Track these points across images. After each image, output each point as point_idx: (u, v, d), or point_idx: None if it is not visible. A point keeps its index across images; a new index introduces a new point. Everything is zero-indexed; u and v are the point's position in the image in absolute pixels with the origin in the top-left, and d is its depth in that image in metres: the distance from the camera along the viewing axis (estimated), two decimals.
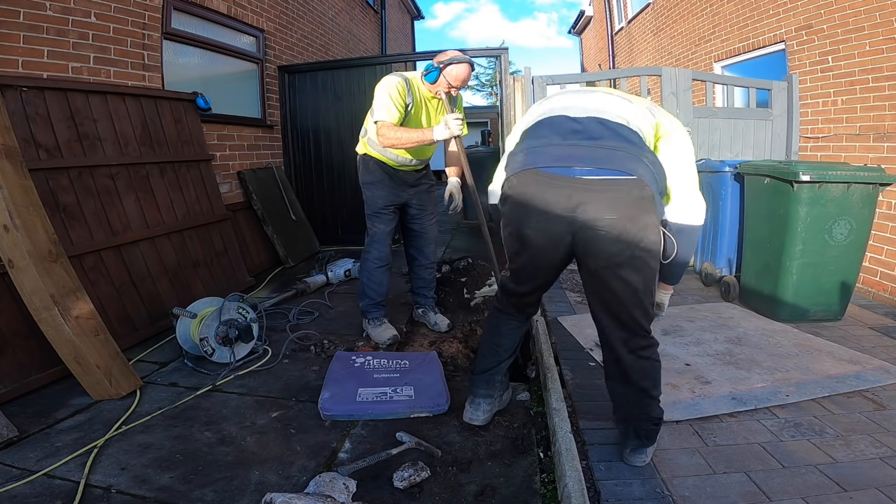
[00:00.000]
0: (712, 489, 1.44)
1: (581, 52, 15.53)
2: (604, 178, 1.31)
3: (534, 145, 1.42)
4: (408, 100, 2.45)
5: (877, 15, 3.43)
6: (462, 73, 2.41)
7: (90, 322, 2.14)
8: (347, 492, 1.46)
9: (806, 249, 2.67)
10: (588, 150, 1.34)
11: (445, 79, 2.40)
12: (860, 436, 1.69)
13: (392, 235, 2.78)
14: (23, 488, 1.54)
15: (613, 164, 1.31)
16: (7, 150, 2.05)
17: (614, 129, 1.39)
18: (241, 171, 4.46)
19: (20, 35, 2.65)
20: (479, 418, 1.88)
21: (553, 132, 1.42)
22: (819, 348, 2.40)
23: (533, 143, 1.43)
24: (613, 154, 1.32)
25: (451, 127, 2.28)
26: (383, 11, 10.06)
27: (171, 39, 3.76)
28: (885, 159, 3.34)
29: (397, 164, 2.64)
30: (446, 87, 2.43)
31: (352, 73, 5.02)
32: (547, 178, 1.34)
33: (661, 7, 7.76)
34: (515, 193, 1.41)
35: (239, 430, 1.89)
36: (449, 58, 2.40)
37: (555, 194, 1.33)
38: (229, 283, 3.49)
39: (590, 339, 2.51)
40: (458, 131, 2.31)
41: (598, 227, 1.31)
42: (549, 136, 1.42)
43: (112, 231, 2.83)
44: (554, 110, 1.50)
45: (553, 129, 1.43)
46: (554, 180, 1.33)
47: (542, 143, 1.41)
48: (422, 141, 2.38)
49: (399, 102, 2.41)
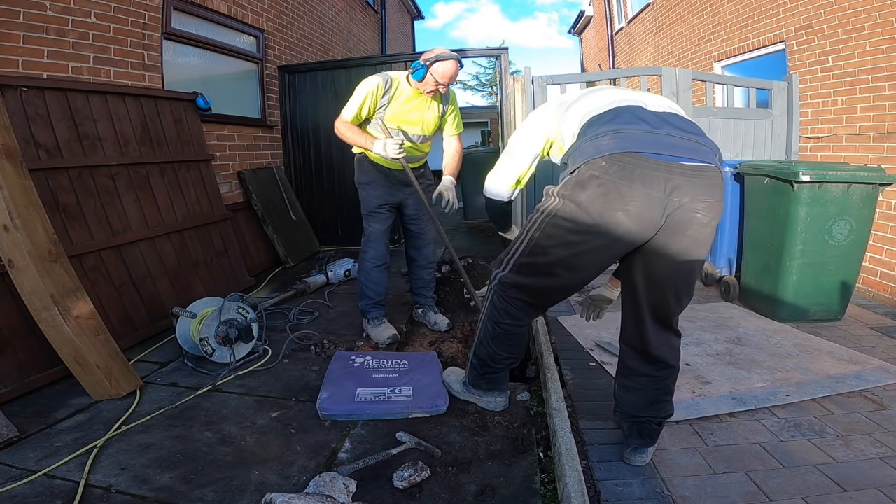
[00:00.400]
0: (712, 489, 1.44)
1: (581, 52, 15.54)
2: (698, 164, 1.37)
3: (623, 129, 1.40)
4: (382, 100, 2.48)
5: (877, 15, 3.43)
6: (448, 70, 2.39)
7: (90, 322, 2.14)
8: (347, 492, 1.46)
9: (806, 249, 2.67)
10: (681, 141, 1.39)
11: (432, 76, 2.39)
12: (860, 436, 1.69)
13: (388, 234, 2.78)
14: (23, 488, 1.54)
15: (702, 154, 1.39)
16: (7, 150, 2.05)
17: (693, 124, 1.47)
18: (241, 171, 4.46)
19: (20, 35, 2.65)
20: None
21: (640, 120, 1.43)
22: (819, 348, 2.40)
23: (621, 128, 1.40)
24: (700, 146, 1.40)
25: (388, 150, 2.39)
26: (383, 11, 10.07)
27: (171, 39, 3.76)
28: (885, 159, 3.34)
29: (388, 163, 2.64)
30: (433, 84, 2.42)
31: (352, 73, 5.02)
32: (645, 162, 1.34)
33: (661, 7, 7.76)
34: (607, 175, 1.35)
35: (239, 430, 1.89)
36: (435, 55, 2.38)
37: (655, 177, 1.34)
38: (229, 283, 3.49)
39: (590, 339, 2.51)
40: (393, 154, 2.39)
41: (696, 210, 1.37)
42: (637, 124, 1.42)
43: (112, 231, 2.82)
44: (626, 101, 1.50)
45: (639, 118, 1.44)
46: (652, 164, 1.34)
47: (632, 129, 1.40)
48: (364, 146, 2.52)
49: (367, 105, 2.47)
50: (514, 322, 1.71)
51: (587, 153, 1.39)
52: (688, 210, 1.36)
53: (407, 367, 2.30)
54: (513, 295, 1.65)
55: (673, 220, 1.36)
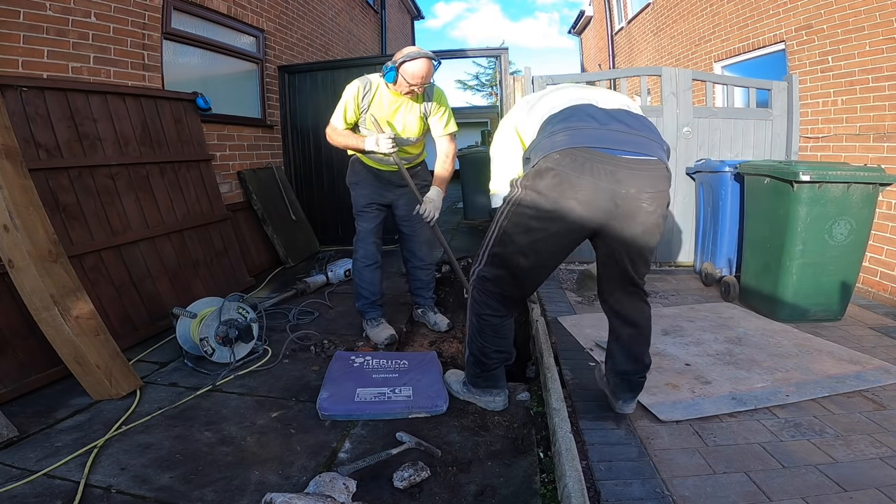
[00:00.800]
0: (712, 489, 1.44)
1: (581, 52, 15.54)
2: (642, 158, 1.54)
3: (575, 126, 1.57)
4: (363, 103, 2.46)
5: (877, 15, 3.43)
6: (419, 69, 2.25)
7: (90, 322, 2.14)
8: (347, 492, 1.46)
9: (806, 249, 2.67)
10: (627, 136, 1.57)
11: (403, 78, 2.29)
12: (860, 436, 1.69)
13: (378, 233, 2.78)
14: (23, 488, 1.54)
15: (646, 148, 1.56)
16: (7, 150, 2.05)
17: (641, 119, 1.65)
18: (241, 171, 4.46)
19: (20, 35, 2.65)
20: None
21: (590, 117, 1.60)
22: (819, 348, 2.40)
23: (573, 125, 1.58)
24: (646, 140, 1.58)
25: (381, 145, 2.40)
26: (383, 11, 10.07)
27: (171, 39, 3.76)
28: (885, 159, 3.34)
29: (378, 165, 2.64)
30: (406, 86, 2.31)
31: (352, 73, 4.96)
32: (593, 156, 1.51)
33: (661, 7, 7.76)
34: (560, 167, 1.53)
35: (239, 430, 1.89)
36: (404, 55, 2.27)
37: (602, 170, 1.51)
38: (229, 283, 3.49)
39: (590, 339, 2.51)
40: (386, 149, 2.40)
41: (641, 200, 1.55)
42: (587, 121, 1.59)
43: (112, 231, 2.83)
44: (582, 99, 1.67)
45: (590, 115, 1.60)
46: (600, 158, 1.51)
47: (583, 126, 1.57)
48: (356, 147, 2.53)
49: (351, 109, 2.48)
50: (494, 313, 1.83)
51: (545, 148, 1.58)
52: (634, 200, 1.55)
53: (407, 367, 2.30)
54: (489, 288, 1.80)
55: (623, 208, 1.55)
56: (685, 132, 3.99)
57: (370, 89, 2.45)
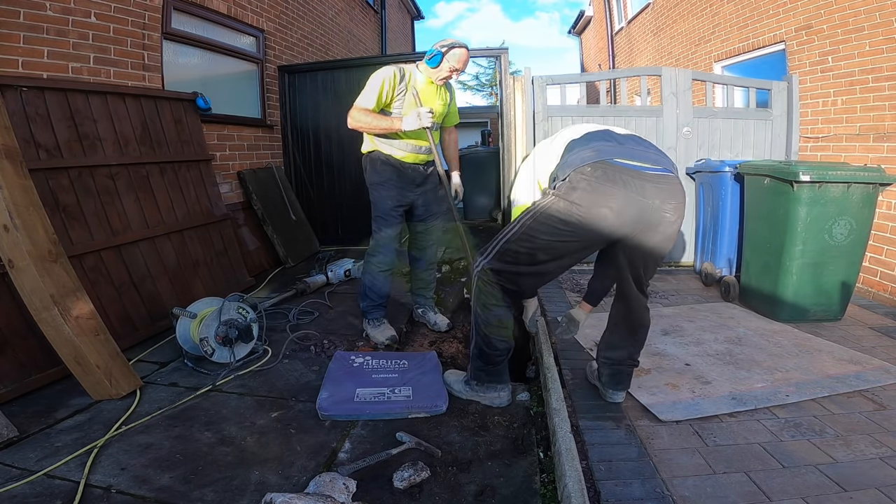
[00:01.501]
0: (712, 489, 1.44)
1: (581, 52, 15.53)
2: (661, 172, 1.69)
3: (598, 147, 1.73)
4: (399, 88, 2.52)
5: (877, 15, 3.43)
6: (465, 55, 2.52)
7: (90, 322, 2.14)
8: (347, 492, 1.46)
9: (806, 249, 2.67)
10: (645, 153, 1.73)
11: (448, 62, 2.49)
12: (860, 436, 1.69)
13: (399, 239, 2.78)
14: (23, 488, 1.54)
15: (662, 164, 1.72)
16: (7, 150, 2.05)
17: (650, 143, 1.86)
18: (241, 172, 4.46)
19: (20, 35, 2.65)
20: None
21: (610, 138, 1.79)
22: (819, 348, 2.40)
23: (596, 145, 1.74)
24: (660, 157, 1.75)
25: (423, 119, 2.39)
26: (383, 11, 10.06)
27: (171, 39, 3.76)
28: (885, 159, 3.34)
29: (404, 156, 2.62)
30: (448, 70, 2.52)
31: (352, 73, 5.02)
32: (622, 170, 1.65)
33: (661, 7, 7.76)
34: (593, 177, 1.65)
35: (239, 431, 1.89)
36: (451, 42, 2.52)
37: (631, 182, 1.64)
38: (229, 283, 3.49)
39: (590, 339, 2.51)
40: (428, 123, 2.41)
41: (665, 210, 1.68)
42: (608, 141, 1.78)
43: (112, 231, 2.82)
44: (597, 127, 1.90)
45: (608, 137, 1.80)
46: (627, 171, 1.65)
47: (605, 145, 1.74)
48: (390, 128, 2.49)
49: (386, 93, 2.50)
50: (497, 302, 1.90)
51: (574, 164, 1.71)
52: (658, 210, 1.67)
53: (406, 367, 2.30)
54: (493, 279, 1.88)
55: (648, 219, 1.67)
56: (685, 132, 3.99)
57: (405, 77, 2.55)
